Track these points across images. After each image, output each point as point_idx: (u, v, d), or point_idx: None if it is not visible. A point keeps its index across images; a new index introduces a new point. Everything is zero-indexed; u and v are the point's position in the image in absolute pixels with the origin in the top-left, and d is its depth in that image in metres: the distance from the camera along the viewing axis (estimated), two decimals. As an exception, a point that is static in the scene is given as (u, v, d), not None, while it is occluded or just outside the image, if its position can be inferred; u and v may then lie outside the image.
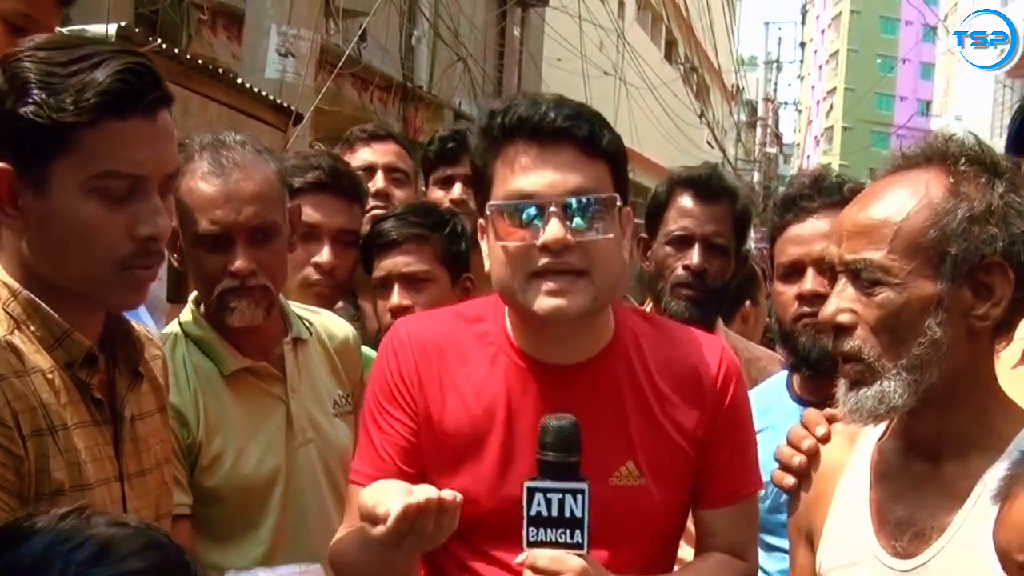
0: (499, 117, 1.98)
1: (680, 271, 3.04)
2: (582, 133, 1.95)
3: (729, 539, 2.14)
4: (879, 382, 1.71)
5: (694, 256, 3.04)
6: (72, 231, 1.71)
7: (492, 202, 1.98)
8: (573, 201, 1.93)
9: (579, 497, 1.82)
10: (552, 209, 1.91)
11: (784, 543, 2.21)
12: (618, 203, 1.98)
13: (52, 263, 1.74)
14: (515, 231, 1.95)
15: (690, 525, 2.23)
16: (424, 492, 1.77)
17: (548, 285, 1.92)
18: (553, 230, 1.91)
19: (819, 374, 2.48)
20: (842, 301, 1.73)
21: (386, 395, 2.10)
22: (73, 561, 1.19)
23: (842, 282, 1.74)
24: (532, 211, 1.93)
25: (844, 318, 1.73)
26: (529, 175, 1.94)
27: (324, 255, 2.91)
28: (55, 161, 1.69)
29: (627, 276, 2.14)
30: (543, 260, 1.92)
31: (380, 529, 1.75)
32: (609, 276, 1.97)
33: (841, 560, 1.83)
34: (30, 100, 1.67)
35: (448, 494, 1.77)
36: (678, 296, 3.04)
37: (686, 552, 2.26)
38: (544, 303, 1.93)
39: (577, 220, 1.93)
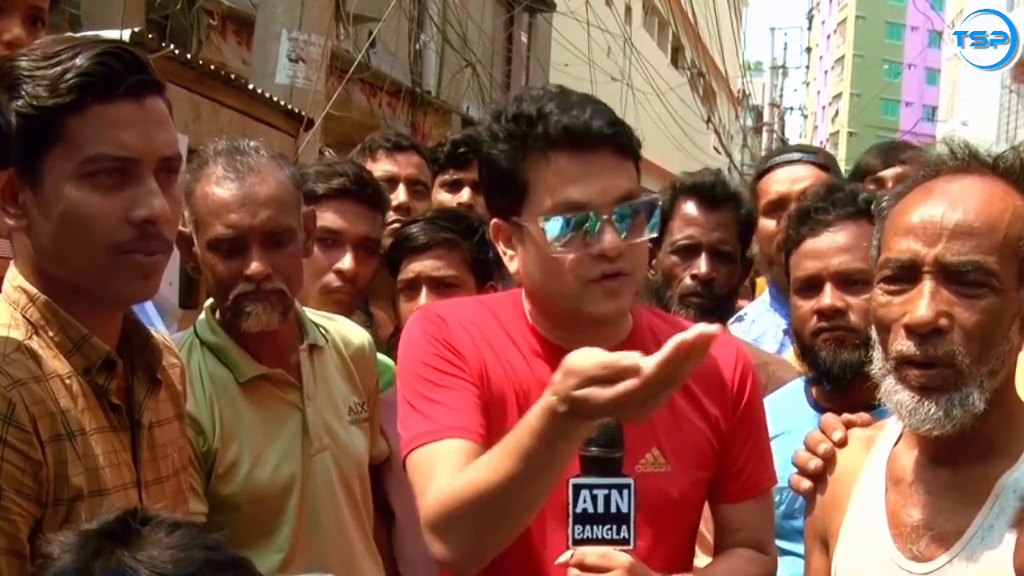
0: (538, 126, 1.97)
1: (688, 280, 3.03)
2: (622, 140, 2.01)
3: (752, 533, 2.16)
4: (962, 388, 1.68)
5: (701, 265, 3.03)
6: (68, 221, 1.70)
7: (544, 215, 1.97)
8: (623, 208, 1.98)
9: (625, 492, 1.83)
10: (606, 217, 1.96)
11: (797, 548, 2.21)
12: (658, 203, 2.05)
13: (55, 258, 1.74)
14: (571, 241, 1.97)
15: (701, 528, 2.24)
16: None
17: (608, 286, 1.98)
18: (611, 239, 1.96)
19: (839, 388, 2.49)
20: (939, 304, 1.68)
21: (441, 361, 2.02)
22: (201, 559, 1.28)
23: (931, 284, 1.69)
24: (586, 221, 1.96)
25: (944, 322, 1.68)
26: (578, 185, 1.97)
27: (346, 262, 2.90)
28: (47, 154, 1.69)
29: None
30: (601, 267, 1.97)
31: (631, 383, 1.57)
32: (643, 275, 2.11)
33: (858, 564, 1.84)
34: (19, 95, 1.68)
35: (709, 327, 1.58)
36: (687, 305, 3.02)
37: (699, 560, 2.26)
38: (603, 307, 1.99)
39: (626, 225, 1.99)
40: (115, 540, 1.29)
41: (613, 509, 1.83)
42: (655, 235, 2.06)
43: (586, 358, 1.64)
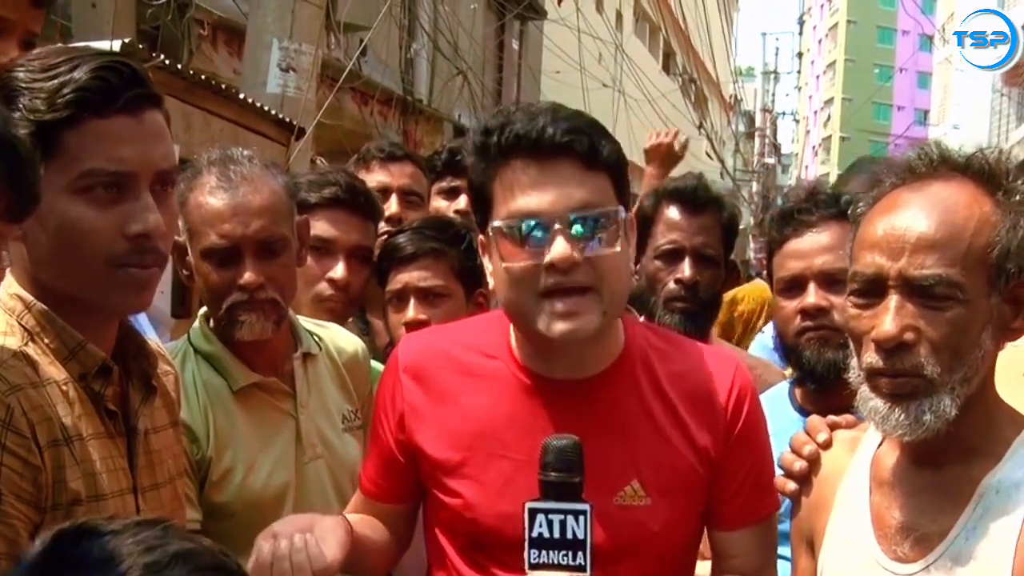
0: (495, 135, 1.92)
1: (672, 285, 3.04)
2: (582, 148, 1.89)
3: (746, 561, 2.10)
4: (933, 395, 1.69)
5: (685, 269, 3.04)
6: (63, 234, 1.71)
7: (495, 223, 1.93)
8: (578, 218, 1.87)
9: (581, 518, 1.78)
10: (557, 227, 1.86)
11: (785, 551, 2.22)
12: (622, 215, 1.93)
13: (50, 269, 1.75)
14: (520, 251, 1.90)
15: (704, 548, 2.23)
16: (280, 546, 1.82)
17: (559, 307, 1.88)
18: (559, 248, 1.86)
19: (823, 387, 2.50)
20: (904, 318, 1.68)
21: (375, 415, 2.17)
22: (141, 564, 1.20)
23: (897, 298, 1.69)
24: (536, 230, 1.88)
25: (910, 336, 1.68)
26: (530, 194, 1.89)
27: (339, 271, 2.90)
28: (43, 167, 1.67)
29: (631, 285, 2.11)
30: (551, 280, 1.87)
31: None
32: (617, 289, 1.94)
33: (843, 565, 1.85)
34: (16, 107, 1.68)
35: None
36: (671, 310, 3.04)
37: (702, 568, 2.26)
38: (556, 327, 1.88)
39: (583, 236, 1.88)
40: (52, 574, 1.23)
41: (569, 535, 1.78)
42: (619, 249, 1.92)
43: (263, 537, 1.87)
